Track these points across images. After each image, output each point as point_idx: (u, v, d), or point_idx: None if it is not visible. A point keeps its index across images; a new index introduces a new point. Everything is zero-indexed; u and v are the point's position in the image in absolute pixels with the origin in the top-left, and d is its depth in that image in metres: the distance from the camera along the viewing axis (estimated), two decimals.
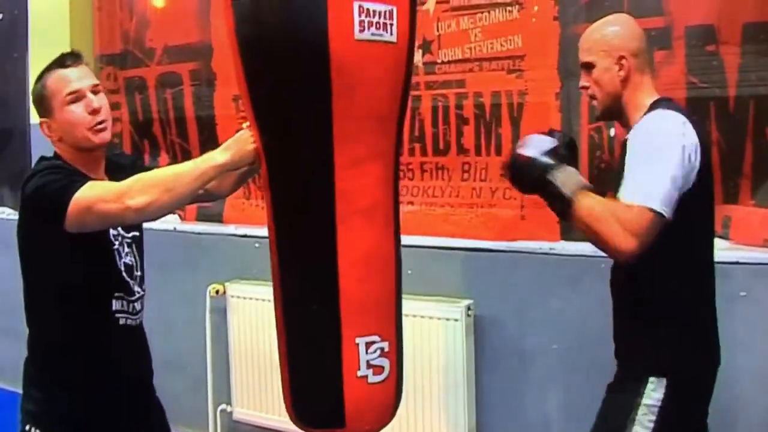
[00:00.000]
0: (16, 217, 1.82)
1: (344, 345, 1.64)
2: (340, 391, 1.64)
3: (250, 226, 3.14)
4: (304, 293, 1.68)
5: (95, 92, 1.83)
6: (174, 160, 3.41)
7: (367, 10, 1.52)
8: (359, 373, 1.65)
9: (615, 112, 1.82)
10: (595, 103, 1.84)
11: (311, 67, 1.53)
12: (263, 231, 2.97)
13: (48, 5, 3.56)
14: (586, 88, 1.83)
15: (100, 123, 1.82)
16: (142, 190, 1.64)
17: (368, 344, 1.65)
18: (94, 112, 1.81)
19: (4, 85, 3.92)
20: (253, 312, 3.02)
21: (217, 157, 1.68)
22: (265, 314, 2.96)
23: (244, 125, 1.71)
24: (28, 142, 3.61)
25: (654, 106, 1.74)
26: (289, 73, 1.54)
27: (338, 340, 1.63)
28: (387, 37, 1.56)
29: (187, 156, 3.34)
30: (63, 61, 1.84)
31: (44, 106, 1.83)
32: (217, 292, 3.13)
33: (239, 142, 1.69)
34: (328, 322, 1.64)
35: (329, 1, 1.49)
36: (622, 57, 1.75)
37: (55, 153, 1.85)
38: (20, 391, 1.88)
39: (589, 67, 1.80)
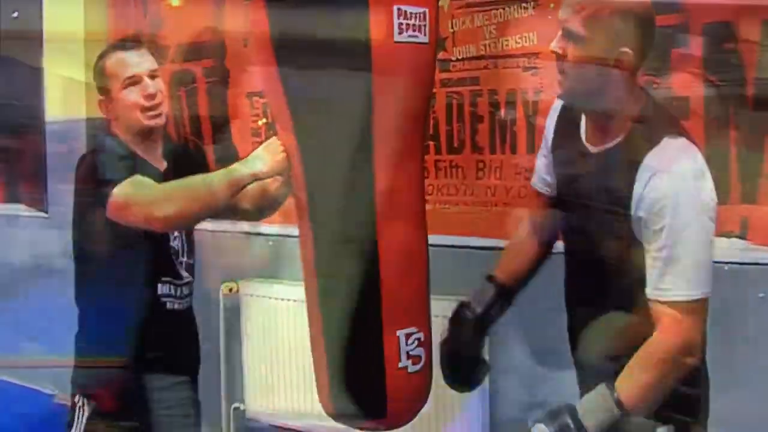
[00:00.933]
0: (31, 214, 1.84)
1: (386, 338, 1.66)
2: (383, 383, 1.67)
3: (264, 224, 3.13)
4: (346, 290, 1.69)
5: (153, 77, 1.87)
6: None
7: (405, 12, 1.53)
8: (400, 365, 1.68)
9: (580, 101, 1.51)
10: (560, 78, 1.49)
11: (353, 70, 1.54)
12: (277, 229, 3.02)
13: (62, 3, 3.57)
14: (560, 57, 1.45)
15: (155, 107, 1.85)
16: (170, 200, 1.65)
17: (407, 336, 1.69)
18: (149, 97, 1.85)
19: (18, 82, 3.93)
20: (266, 310, 3.02)
21: (248, 165, 1.67)
22: (279, 312, 2.97)
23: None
24: (42, 139, 3.62)
25: (661, 130, 1.43)
26: (331, 76, 1.56)
27: (380, 334, 1.66)
28: (421, 38, 1.58)
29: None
30: (123, 43, 1.88)
31: (103, 87, 1.88)
32: (230, 290, 3.13)
33: (269, 150, 1.67)
34: (370, 317, 1.66)
35: (371, 4, 1.50)
36: (624, 53, 1.41)
37: (112, 132, 1.88)
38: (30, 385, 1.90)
39: (575, 38, 1.41)
